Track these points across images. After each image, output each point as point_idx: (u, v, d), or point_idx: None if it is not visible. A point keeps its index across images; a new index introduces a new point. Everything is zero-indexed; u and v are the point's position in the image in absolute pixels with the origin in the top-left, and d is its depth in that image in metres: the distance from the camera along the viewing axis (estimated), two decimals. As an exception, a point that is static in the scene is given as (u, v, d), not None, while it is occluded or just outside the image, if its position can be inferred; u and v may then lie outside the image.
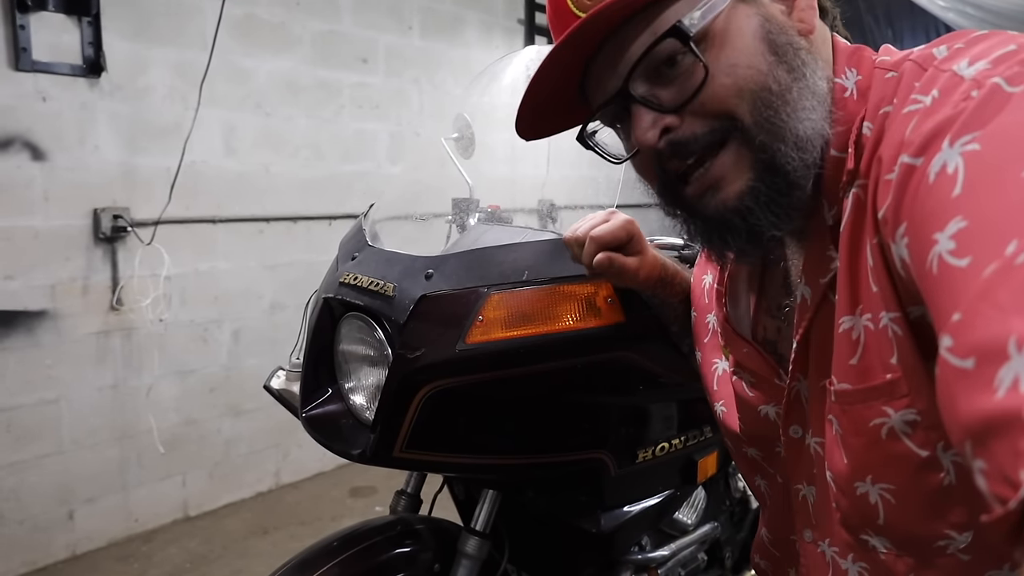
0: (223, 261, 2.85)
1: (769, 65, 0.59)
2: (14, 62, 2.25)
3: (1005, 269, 0.37)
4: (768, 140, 0.59)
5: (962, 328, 0.38)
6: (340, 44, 3.14)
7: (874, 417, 0.58)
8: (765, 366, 0.76)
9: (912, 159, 0.49)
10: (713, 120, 0.61)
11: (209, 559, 2.54)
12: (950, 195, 0.44)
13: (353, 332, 1.03)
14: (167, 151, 2.60)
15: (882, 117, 0.57)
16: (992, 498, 0.34)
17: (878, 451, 0.59)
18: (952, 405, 0.38)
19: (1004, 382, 0.33)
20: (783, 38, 0.61)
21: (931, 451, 0.56)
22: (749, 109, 0.59)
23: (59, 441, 2.47)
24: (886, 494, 0.60)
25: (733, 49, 0.60)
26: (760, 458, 0.83)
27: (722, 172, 0.62)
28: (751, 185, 0.61)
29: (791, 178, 0.60)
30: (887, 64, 0.61)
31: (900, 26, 4.54)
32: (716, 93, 0.60)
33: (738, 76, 0.59)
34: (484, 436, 0.98)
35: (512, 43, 3.92)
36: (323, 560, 1.01)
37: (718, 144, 0.61)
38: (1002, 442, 0.33)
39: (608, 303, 0.96)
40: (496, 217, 1.23)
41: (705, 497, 1.37)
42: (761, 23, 0.61)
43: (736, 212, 0.62)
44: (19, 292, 2.34)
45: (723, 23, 0.60)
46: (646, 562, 1.23)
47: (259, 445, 3.03)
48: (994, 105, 0.46)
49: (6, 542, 2.36)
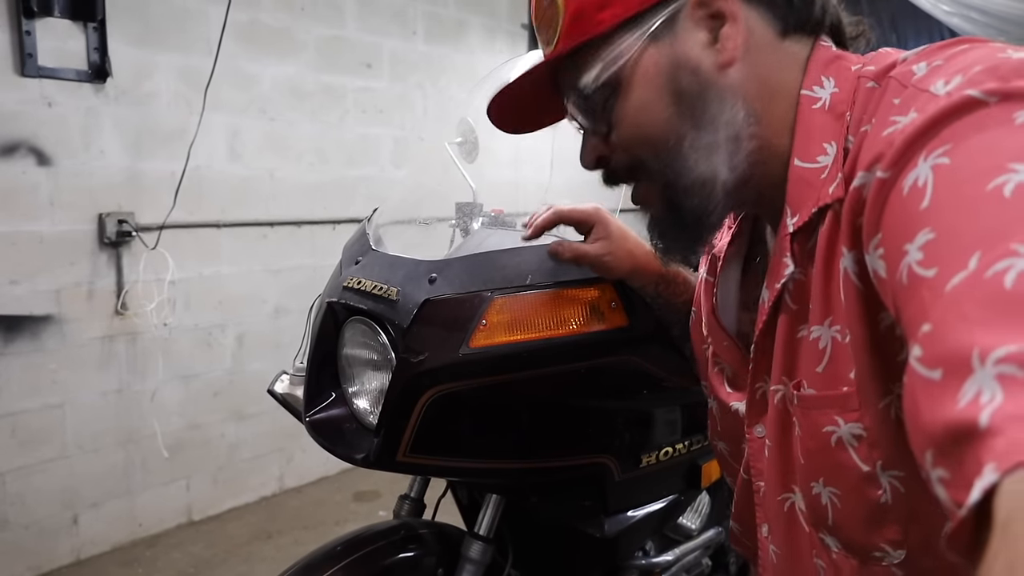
0: (227, 266, 2.86)
1: (669, 116, 0.64)
2: (20, 68, 2.26)
3: (970, 281, 0.38)
4: (669, 181, 0.66)
5: (931, 339, 0.39)
6: (344, 49, 3.15)
7: (827, 424, 0.61)
8: (739, 361, 0.78)
9: (885, 172, 0.50)
10: (631, 158, 0.69)
11: (213, 564, 2.54)
12: (919, 207, 0.45)
13: (357, 336, 1.03)
14: (172, 156, 2.61)
15: (861, 135, 0.58)
16: (951, 505, 0.34)
17: (828, 456, 0.62)
18: (917, 414, 0.38)
19: (967, 394, 0.34)
20: (689, 82, 0.63)
21: (872, 467, 0.59)
22: (652, 156, 0.66)
23: (64, 446, 2.47)
24: (834, 498, 0.63)
25: (636, 100, 0.65)
26: (727, 453, 0.86)
27: (647, 197, 0.71)
28: (662, 210, 0.70)
29: (684, 215, 0.67)
30: (870, 74, 0.61)
31: (904, 31, 4.54)
32: (624, 139, 0.68)
33: (640, 127, 0.66)
34: (488, 440, 0.98)
35: (516, 47, 3.93)
36: (327, 565, 1.01)
37: (636, 177, 0.71)
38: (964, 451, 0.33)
39: (612, 307, 0.97)
40: (500, 221, 1.23)
41: (709, 502, 1.36)
42: (670, 69, 0.63)
43: (655, 227, 0.72)
44: (24, 297, 2.35)
45: (631, 70, 0.64)
46: (650, 567, 1.23)
47: (263, 449, 3.04)
48: (967, 118, 0.46)
49: (11, 547, 2.37)
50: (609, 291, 0.97)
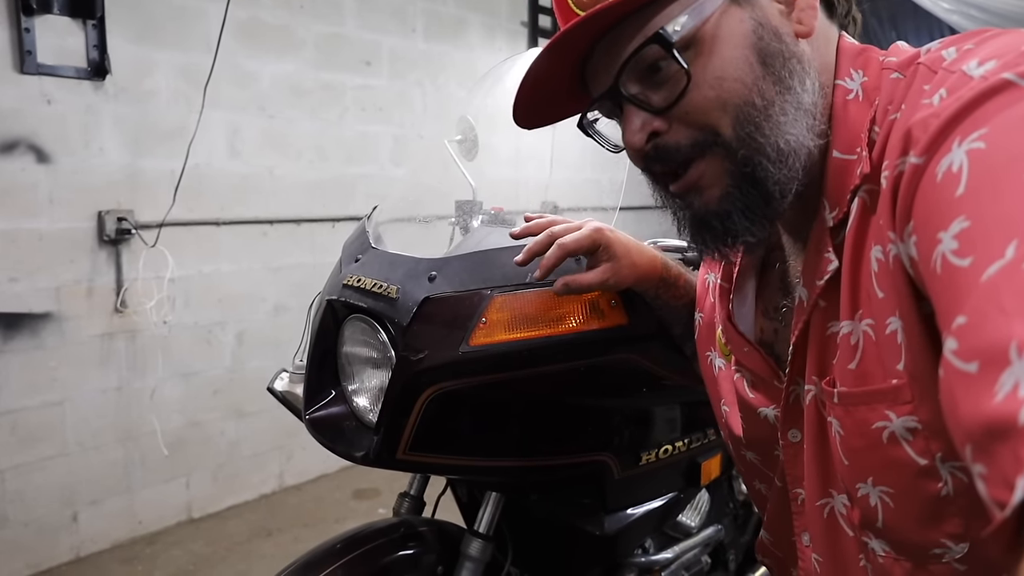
0: (227, 263, 2.85)
1: (755, 77, 0.59)
2: (19, 65, 2.26)
3: (1007, 271, 0.37)
4: (748, 154, 0.60)
5: (967, 331, 0.38)
6: (344, 47, 3.15)
7: (876, 420, 0.58)
8: (765, 367, 0.75)
9: (919, 158, 0.49)
10: (696, 131, 0.61)
11: (213, 561, 2.54)
12: (954, 194, 0.44)
13: (356, 334, 1.03)
14: (171, 154, 2.61)
15: (889, 123, 0.56)
16: (991, 503, 0.34)
17: (879, 454, 0.59)
18: (954, 408, 0.37)
19: (1004, 387, 0.33)
20: (775, 45, 0.60)
21: (930, 460, 0.56)
22: (731, 123, 0.60)
23: (63, 443, 2.47)
24: (886, 497, 0.60)
25: (720, 59, 0.59)
26: (759, 462, 0.82)
27: (702, 178, 0.63)
28: (728, 191, 0.62)
29: (768, 191, 0.61)
30: (893, 64, 0.61)
31: (904, 28, 4.53)
32: (699, 104, 0.60)
33: (723, 89, 0.59)
34: (487, 438, 0.98)
35: (515, 46, 3.92)
36: (327, 562, 1.01)
37: (700, 153, 0.62)
38: (1002, 447, 0.33)
39: (612, 305, 0.96)
40: (499, 219, 1.23)
41: (709, 500, 1.36)
42: (754, 28, 0.60)
43: (715, 215, 0.64)
44: (24, 294, 2.35)
45: (713, 28, 0.59)
46: (649, 565, 1.23)
47: (263, 447, 3.04)
48: (1001, 100, 0.45)
49: (11, 544, 2.37)
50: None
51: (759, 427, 0.78)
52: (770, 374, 0.75)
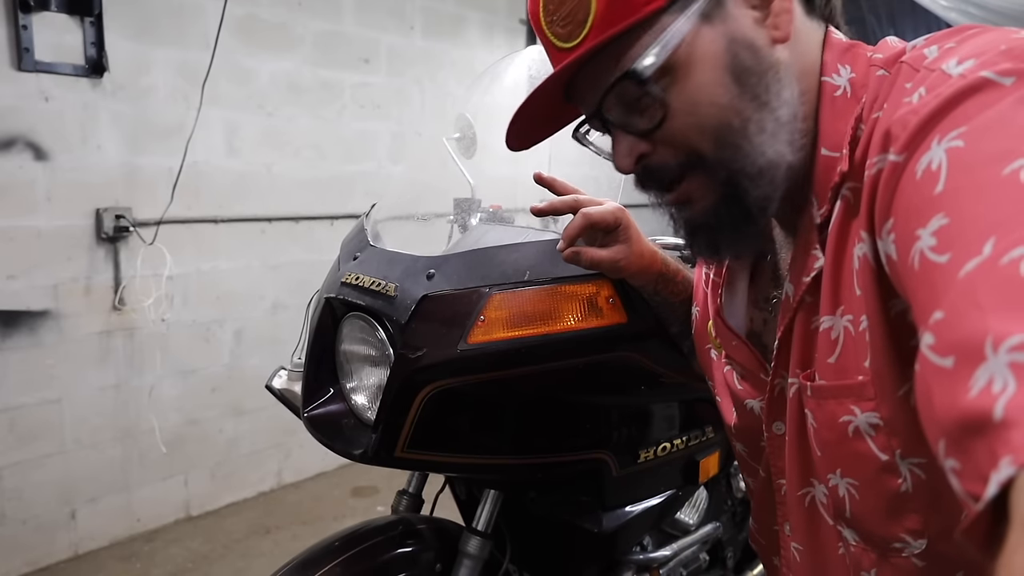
0: (225, 261, 2.85)
1: (731, 97, 0.60)
2: (17, 62, 2.25)
3: (985, 268, 0.37)
4: (729, 174, 0.62)
5: (943, 327, 0.38)
6: (342, 44, 3.14)
7: (843, 414, 0.61)
8: (752, 360, 0.77)
9: (898, 156, 0.49)
10: (680, 153, 0.63)
11: (211, 559, 2.54)
12: (933, 192, 0.44)
13: (355, 332, 1.03)
14: (169, 151, 2.61)
15: (873, 121, 0.57)
16: (965, 496, 0.34)
17: (846, 447, 0.61)
18: (929, 403, 0.38)
19: (979, 382, 0.33)
20: (750, 60, 0.60)
21: (890, 456, 0.58)
22: (712, 146, 0.61)
23: (61, 441, 2.47)
24: (852, 489, 0.63)
25: (695, 84, 0.60)
26: (745, 453, 0.84)
27: (690, 193, 0.66)
28: (714, 205, 0.65)
29: (748, 208, 0.63)
30: (879, 61, 0.61)
31: (902, 25, 4.53)
32: (679, 129, 0.62)
33: (699, 114, 0.61)
34: (486, 436, 0.98)
35: (514, 43, 3.92)
36: (325, 560, 1.01)
37: (686, 172, 0.64)
38: (976, 442, 0.33)
39: (610, 303, 0.97)
40: (498, 217, 1.23)
41: (707, 497, 1.37)
42: (727, 46, 0.60)
43: (702, 226, 0.67)
44: (22, 292, 2.34)
45: (686, 53, 0.59)
46: (648, 562, 1.23)
47: (261, 445, 3.04)
48: (981, 99, 0.45)
49: (9, 541, 2.37)
50: (607, 287, 0.97)
51: (746, 418, 0.80)
52: (757, 367, 0.76)
